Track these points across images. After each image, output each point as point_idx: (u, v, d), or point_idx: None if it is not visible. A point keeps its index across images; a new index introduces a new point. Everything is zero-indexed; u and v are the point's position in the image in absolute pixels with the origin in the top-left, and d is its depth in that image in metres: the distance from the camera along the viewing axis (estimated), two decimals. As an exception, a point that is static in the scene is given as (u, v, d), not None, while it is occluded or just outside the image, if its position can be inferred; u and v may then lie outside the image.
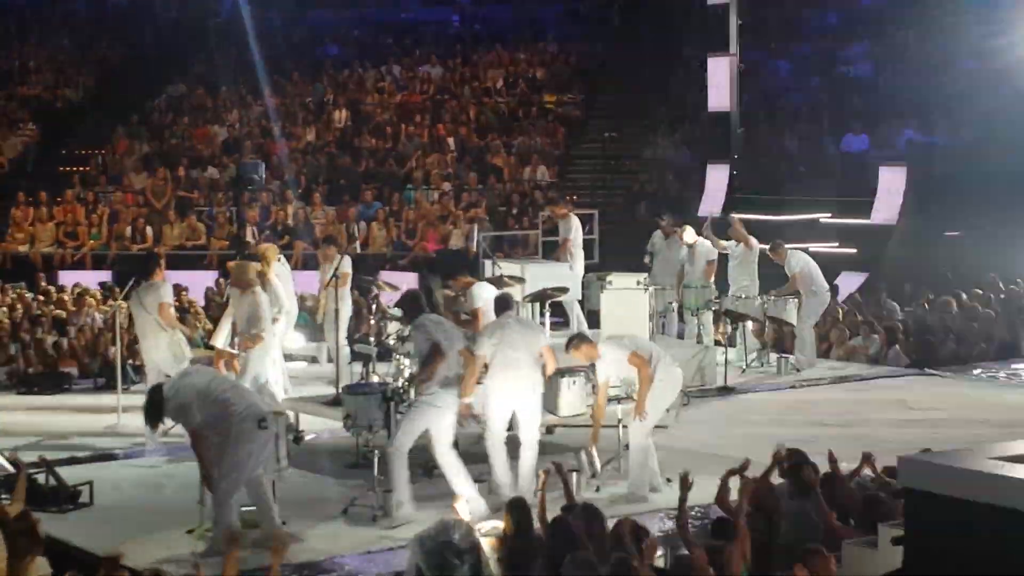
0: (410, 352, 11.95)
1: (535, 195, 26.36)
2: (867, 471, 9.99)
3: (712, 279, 18.12)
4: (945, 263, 22.11)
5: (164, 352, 13.58)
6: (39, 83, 31.34)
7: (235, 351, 13.53)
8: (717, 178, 25.15)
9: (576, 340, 11.51)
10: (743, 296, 17.91)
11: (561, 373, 11.88)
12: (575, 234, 17.36)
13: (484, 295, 13.60)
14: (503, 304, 11.71)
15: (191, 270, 23.85)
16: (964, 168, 23.88)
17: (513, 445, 11.35)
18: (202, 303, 20.81)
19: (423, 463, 11.37)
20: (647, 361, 11.20)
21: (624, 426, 11.73)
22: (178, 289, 19.30)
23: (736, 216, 19.48)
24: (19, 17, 34.03)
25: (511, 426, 11.41)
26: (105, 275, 24.28)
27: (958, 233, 22.79)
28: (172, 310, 14.06)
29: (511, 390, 11.19)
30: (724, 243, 18.26)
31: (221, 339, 14.16)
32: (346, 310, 15.83)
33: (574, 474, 10.99)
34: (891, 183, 23.19)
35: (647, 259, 18.77)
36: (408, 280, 22.69)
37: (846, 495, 9.37)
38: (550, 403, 11.80)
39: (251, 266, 13.86)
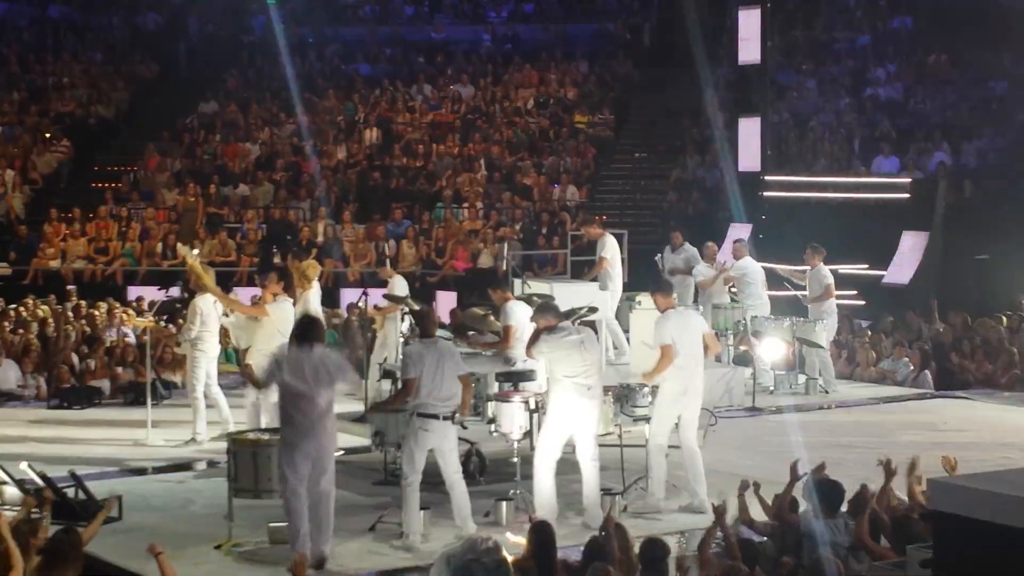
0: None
1: (563, 215, 26.35)
2: (896, 489, 9.99)
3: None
4: (974, 285, 21.99)
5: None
6: (72, 100, 31.53)
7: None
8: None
9: None
10: (771, 317, 17.92)
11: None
12: (611, 252, 17.19)
13: (518, 312, 13.38)
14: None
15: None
16: (994, 190, 23.79)
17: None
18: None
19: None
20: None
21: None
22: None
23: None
24: (53, 34, 34.27)
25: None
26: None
27: (987, 256, 22.67)
28: None
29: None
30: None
31: None
32: (395, 332, 15.87)
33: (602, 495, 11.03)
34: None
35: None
36: (449, 298, 22.83)
37: (877, 517, 9.35)
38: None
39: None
